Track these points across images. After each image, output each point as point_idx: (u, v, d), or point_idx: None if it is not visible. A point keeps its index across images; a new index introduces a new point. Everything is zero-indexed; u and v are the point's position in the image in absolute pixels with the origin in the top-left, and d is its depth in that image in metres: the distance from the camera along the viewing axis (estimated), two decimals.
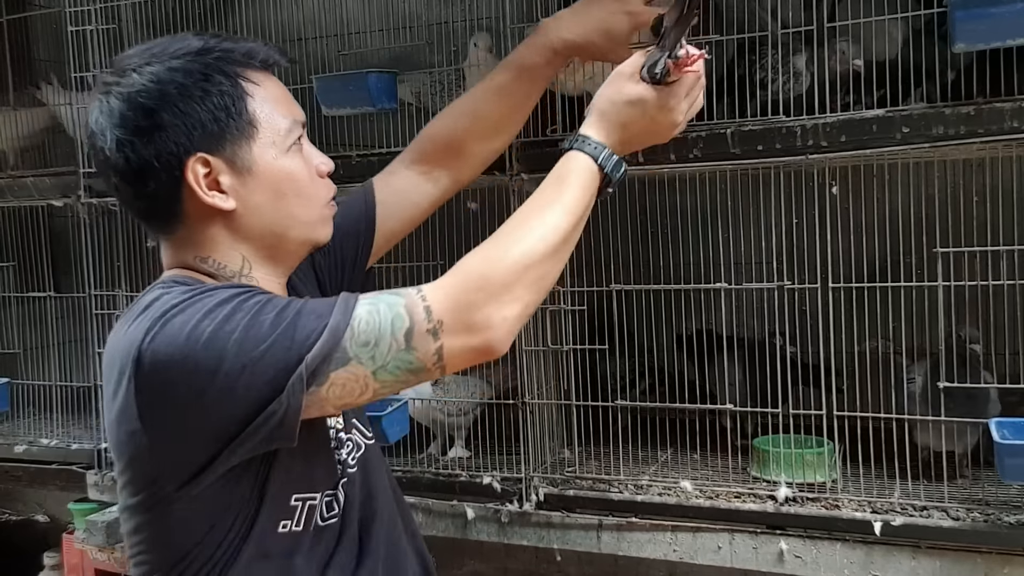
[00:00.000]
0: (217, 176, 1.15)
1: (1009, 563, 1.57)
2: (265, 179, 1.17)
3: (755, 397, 1.89)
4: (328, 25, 2.24)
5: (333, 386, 1.05)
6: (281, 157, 1.18)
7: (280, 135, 1.18)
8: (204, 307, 1.04)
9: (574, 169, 1.21)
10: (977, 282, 1.62)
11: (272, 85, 1.21)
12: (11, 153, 2.63)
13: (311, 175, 1.22)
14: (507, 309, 1.10)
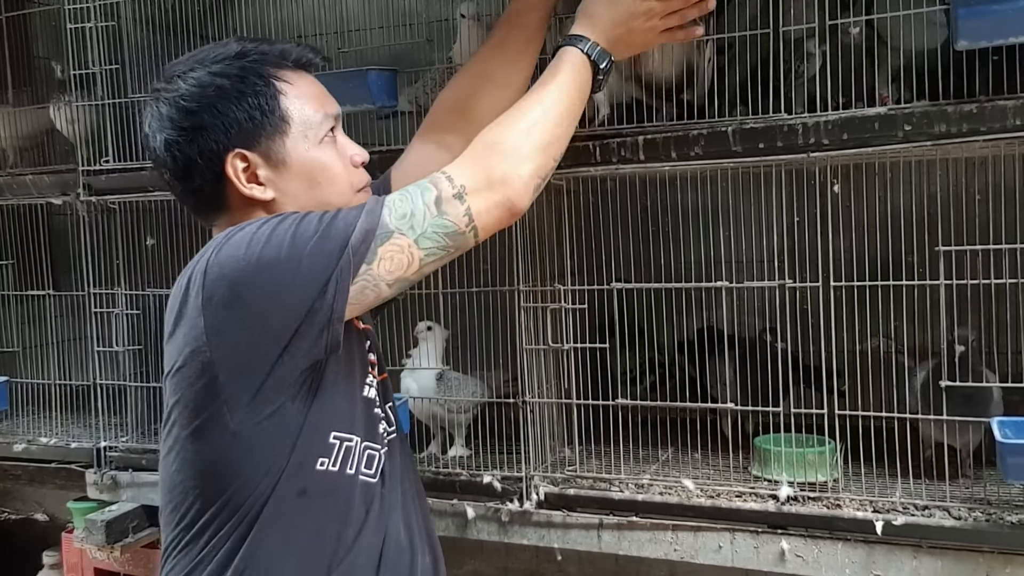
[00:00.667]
0: (255, 170, 1.26)
1: (1011, 563, 1.57)
2: (299, 169, 1.28)
3: (754, 395, 1.88)
4: (328, 23, 2.23)
5: (383, 260, 1.17)
6: (313, 148, 1.29)
7: (312, 128, 1.29)
8: (258, 224, 1.17)
9: (567, 59, 1.40)
10: (979, 280, 1.61)
11: (305, 83, 1.32)
12: (11, 152, 2.63)
13: (344, 164, 1.33)
14: (522, 167, 1.26)
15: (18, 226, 2.55)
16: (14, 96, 2.64)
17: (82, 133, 2.33)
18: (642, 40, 1.47)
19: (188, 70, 1.27)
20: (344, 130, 1.39)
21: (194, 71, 1.26)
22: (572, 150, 1.84)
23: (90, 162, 2.31)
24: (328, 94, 1.35)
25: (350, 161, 1.34)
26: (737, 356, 1.91)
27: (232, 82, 1.25)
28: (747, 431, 1.98)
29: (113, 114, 2.29)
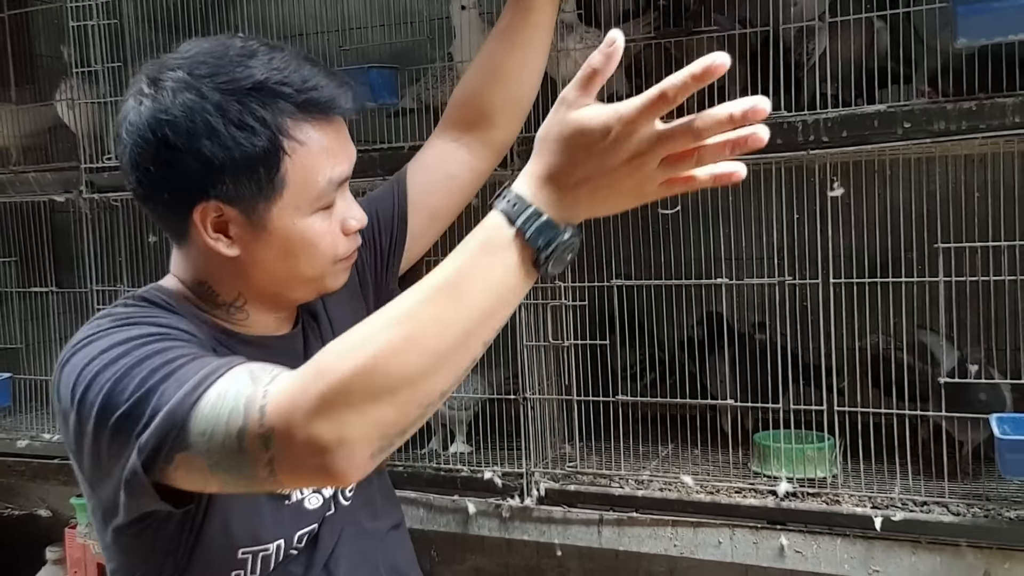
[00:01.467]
0: (227, 222, 1.05)
1: (1010, 559, 1.57)
2: (278, 238, 1.07)
3: (754, 392, 1.89)
4: (329, 20, 2.23)
5: (179, 468, 0.89)
6: (302, 220, 1.07)
7: (309, 199, 1.06)
8: (101, 347, 0.96)
9: (479, 237, 0.88)
10: (978, 278, 1.62)
11: (321, 137, 1.05)
12: (14, 150, 2.63)
13: (334, 234, 1.11)
14: (358, 428, 0.83)
15: (21, 223, 2.56)
16: (16, 94, 2.64)
17: (85, 130, 2.33)
18: (628, 198, 0.89)
19: (183, 85, 1.00)
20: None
21: (188, 90, 1.00)
22: None
23: (93, 159, 2.31)
24: (346, 147, 1.10)
25: (341, 227, 1.12)
26: (737, 352, 1.91)
27: (228, 126, 0.99)
28: (747, 427, 1.99)
29: (115, 112, 2.29)
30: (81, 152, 2.33)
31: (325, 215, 1.09)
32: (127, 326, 0.99)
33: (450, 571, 2.33)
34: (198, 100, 0.99)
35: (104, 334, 0.98)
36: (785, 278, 1.73)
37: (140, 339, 0.96)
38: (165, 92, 1.01)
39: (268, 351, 1.12)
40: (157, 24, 2.36)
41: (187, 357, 0.94)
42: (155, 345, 0.95)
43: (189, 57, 1.03)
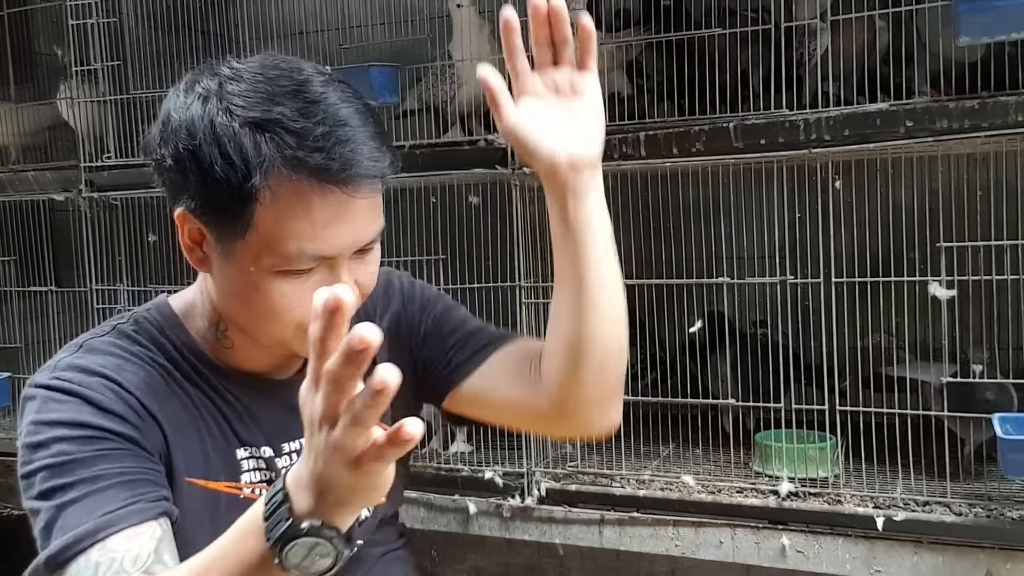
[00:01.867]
0: (203, 235, 0.98)
1: (1012, 559, 1.57)
2: (237, 280, 0.97)
3: (755, 391, 1.89)
4: (330, 19, 2.23)
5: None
6: (261, 275, 0.94)
7: (273, 258, 0.93)
8: (47, 420, 0.95)
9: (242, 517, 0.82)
10: (980, 277, 1.61)
11: (307, 203, 0.91)
12: (13, 148, 2.63)
13: (299, 302, 0.95)
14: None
15: (20, 222, 2.56)
16: (16, 92, 2.64)
17: (84, 129, 2.33)
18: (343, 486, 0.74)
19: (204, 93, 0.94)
20: None
21: (205, 100, 0.94)
22: None
23: (92, 158, 2.31)
24: (345, 226, 0.94)
25: (311, 310, 0.96)
26: (738, 352, 1.91)
27: (212, 147, 0.91)
28: (748, 427, 1.98)
29: (115, 110, 2.29)
30: (80, 151, 2.32)
31: (297, 278, 0.95)
32: (75, 399, 0.96)
33: (451, 571, 2.32)
34: (204, 112, 0.93)
35: (55, 406, 0.95)
36: (787, 277, 1.72)
37: (77, 436, 0.94)
38: (191, 93, 0.96)
39: (255, 392, 1.07)
40: (157, 22, 2.36)
41: (109, 479, 0.92)
42: (87, 449, 0.93)
43: (238, 68, 0.96)
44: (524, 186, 1.87)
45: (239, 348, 1.06)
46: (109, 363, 0.99)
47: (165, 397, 1.00)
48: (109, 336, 1.04)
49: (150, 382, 1.00)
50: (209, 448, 1.04)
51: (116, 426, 0.95)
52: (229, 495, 1.05)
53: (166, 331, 1.06)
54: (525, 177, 1.86)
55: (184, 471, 1.01)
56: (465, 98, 2.06)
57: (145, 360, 1.02)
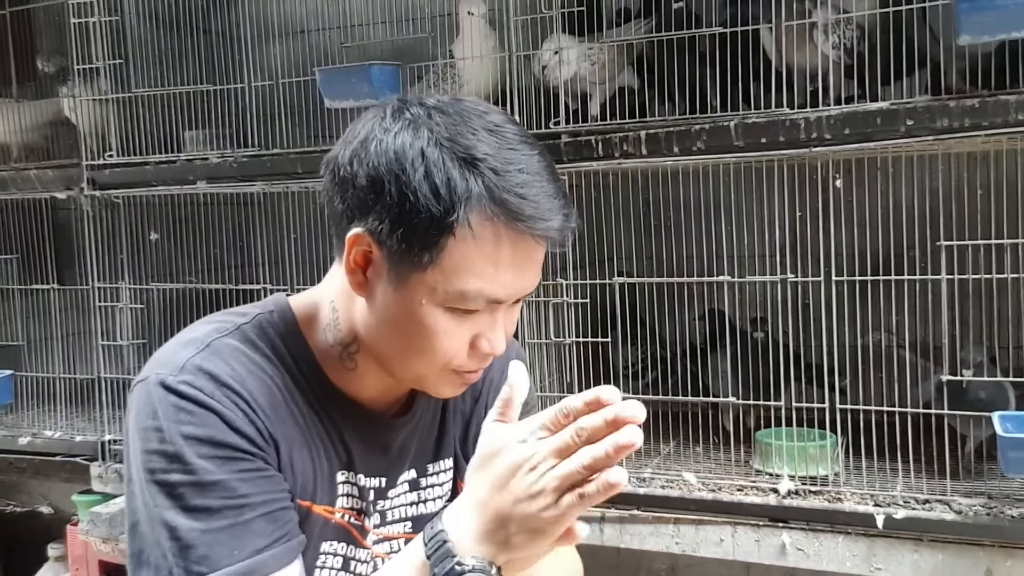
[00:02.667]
0: (371, 261, 0.98)
1: (1012, 556, 1.57)
2: (403, 307, 0.97)
3: (755, 390, 1.89)
4: (331, 17, 2.23)
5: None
6: (432, 306, 0.96)
7: (449, 292, 0.95)
8: (168, 453, 0.94)
9: (401, 553, 0.95)
10: (981, 276, 1.62)
11: (497, 244, 0.93)
12: (15, 147, 2.63)
13: (457, 340, 0.98)
14: None
15: (22, 220, 2.56)
16: (18, 91, 2.64)
17: (86, 127, 2.33)
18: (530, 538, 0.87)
19: (411, 122, 0.95)
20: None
21: (412, 127, 0.94)
22: (574, 145, 1.85)
23: (94, 156, 2.31)
24: (521, 273, 0.96)
25: (472, 340, 0.99)
26: (739, 350, 1.91)
27: (417, 173, 0.91)
28: (748, 425, 1.99)
29: (117, 108, 2.30)
30: (82, 149, 2.33)
31: (460, 318, 0.97)
32: (210, 415, 0.95)
33: None
34: (412, 139, 0.94)
35: (188, 419, 0.95)
36: (787, 276, 1.73)
37: (218, 456, 0.95)
38: (397, 120, 0.97)
39: (355, 421, 1.07)
40: (159, 21, 2.36)
41: (254, 509, 0.94)
42: (230, 469, 0.95)
43: (442, 104, 0.98)
44: None
45: (362, 374, 1.06)
46: (236, 373, 0.99)
47: (284, 414, 1.01)
48: (233, 338, 1.02)
49: (271, 399, 1.00)
50: (316, 470, 1.04)
51: (250, 447, 0.96)
52: (323, 518, 1.06)
53: (287, 340, 1.05)
54: None
55: (295, 493, 1.02)
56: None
57: (266, 372, 1.02)
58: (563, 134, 1.87)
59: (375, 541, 1.12)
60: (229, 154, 2.21)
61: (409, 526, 1.15)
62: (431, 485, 1.17)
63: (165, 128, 2.29)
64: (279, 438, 0.99)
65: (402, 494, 1.14)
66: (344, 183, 0.97)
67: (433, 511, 1.16)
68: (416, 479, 1.15)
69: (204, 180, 2.21)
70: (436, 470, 1.18)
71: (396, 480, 1.13)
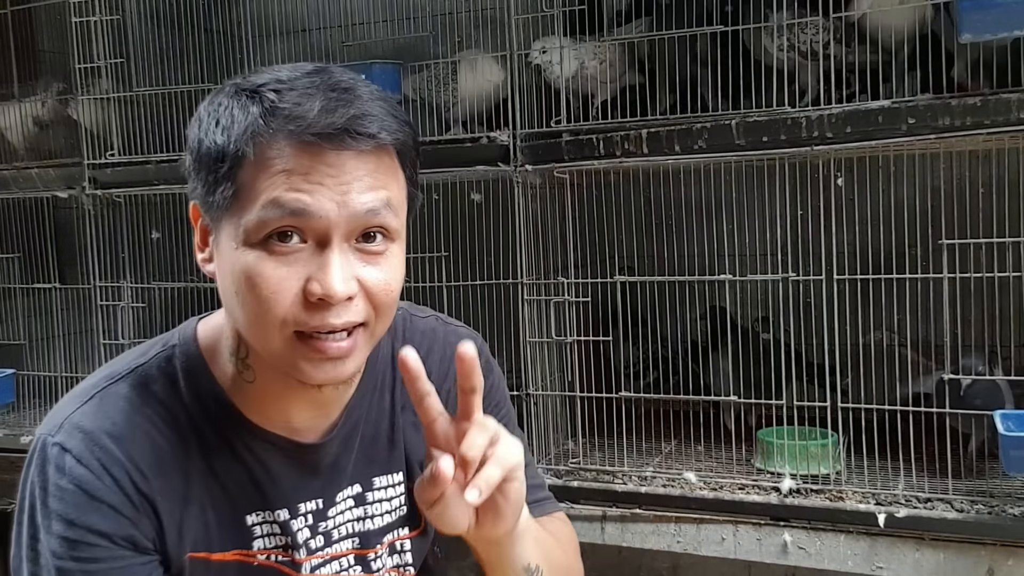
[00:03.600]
0: (208, 233, 0.95)
1: (1013, 555, 1.57)
2: (224, 267, 0.92)
3: (757, 388, 1.89)
4: (332, 16, 2.23)
5: None
6: (244, 249, 0.89)
7: (252, 221, 0.88)
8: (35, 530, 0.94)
9: None
10: (983, 274, 1.61)
11: (287, 163, 0.87)
12: (18, 145, 2.63)
13: (277, 287, 0.88)
14: None
15: (24, 219, 2.56)
16: (19, 89, 2.64)
17: (87, 126, 2.33)
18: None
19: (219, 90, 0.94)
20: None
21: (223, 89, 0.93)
22: (575, 143, 1.85)
23: (95, 155, 2.31)
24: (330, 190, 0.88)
25: (303, 290, 0.88)
26: (740, 349, 1.91)
27: (210, 118, 0.90)
28: (750, 424, 1.98)
29: (118, 108, 2.30)
30: (84, 148, 2.33)
31: (278, 260, 0.88)
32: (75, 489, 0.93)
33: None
34: (215, 97, 0.93)
35: (56, 492, 0.94)
36: (789, 274, 1.72)
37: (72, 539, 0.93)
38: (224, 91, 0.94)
39: (277, 452, 1.01)
40: (160, 20, 2.36)
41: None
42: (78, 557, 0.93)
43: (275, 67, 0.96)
44: (526, 183, 1.88)
45: (261, 384, 0.99)
46: (116, 428, 0.95)
47: (169, 468, 0.96)
48: (125, 384, 0.98)
49: (155, 454, 0.96)
50: (211, 520, 0.99)
51: (106, 526, 0.93)
52: (240, 563, 1.01)
53: (190, 377, 1.00)
54: (527, 174, 1.87)
55: (187, 547, 0.98)
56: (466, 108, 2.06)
57: (155, 422, 0.97)
58: (564, 133, 1.87)
59: (317, 565, 1.06)
60: None
61: (357, 542, 1.09)
62: (379, 500, 1.11)
63: (166, 127, 2.29)
64: (157, 497, 0.95)
65: (346, 510, 1.08)
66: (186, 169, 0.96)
67: (382, 525, 1.11)
68: (361, 493, 1.09)
69: None
70: (383, 484, 1.11)
71: (334, 498, 1.07)
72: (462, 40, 2.12)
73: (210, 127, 0.90)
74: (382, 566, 1.11)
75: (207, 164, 0.90)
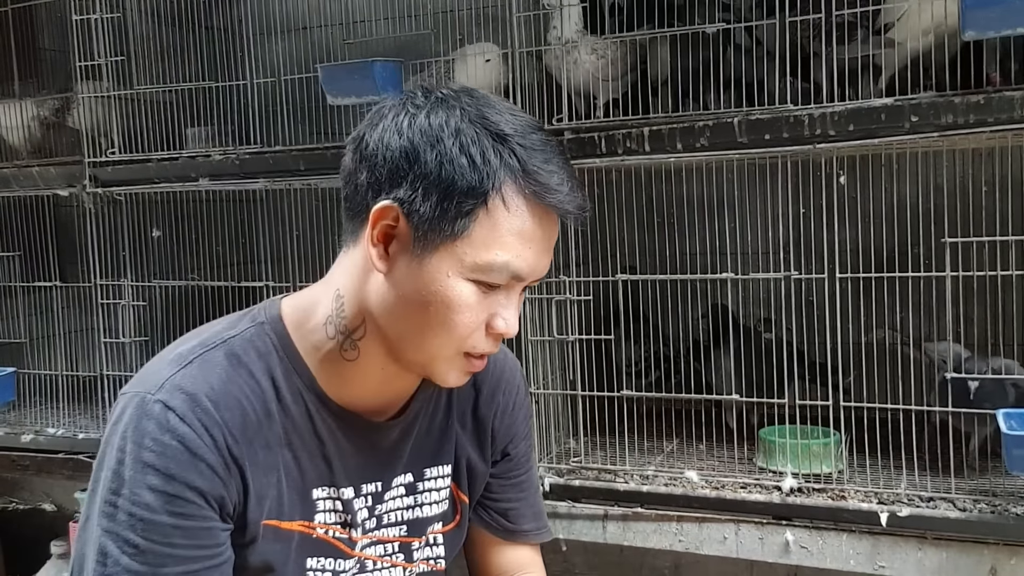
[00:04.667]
0: (394, 236, 0.99)
1: (1016, 554, 1.57)
2: (425, 281, 0.98)
3: (759, 387, 1.89)
4: (333, 13, 2.23)
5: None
6: (457, 279, 0.98)
7: (476, 262, 0.97)
8: (129, 498, 0.96)
9: None
10: (986, 272, 1.61)
11: (524, 218, 0.97)
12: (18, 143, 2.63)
13: (475, 317, 1.00)
14: None
15: (25, 217, 2.56)
16: (20, 88, 2.64)
17: (88, 125, 2.33)
18: None
19: (439, 101, 1.00)
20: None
21: (442, 106, 0.99)
22: (578, 141, 1.85)
23: (96, 154, 2.31)
24: (542, 249, 1.00)
25: (487, 321, 1.01)
26: (742, 347, 1.91)
27: (454, 145, 0.95)
28: (752, 423, 1.98)
29: (119, 106, 2.29)
30: (85, 146, 2.32)
31: (482, 293, 1.00)
32: (174, 443, 0.97)
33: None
34: (447, 115, 0.98)
35: (151, 445, 0.97)
36: (791, 273, 1.72)
37: (164, 492, 0.97)
38: (428, 100, 1.01)
39: (349, 430, 1.09)
40: (160, 17, 2.36)
41: (174, 564, 0.97)
42: (169, 511, 0.97)
43: (464, 89, 1.04)
44: None
45: (361, 364, 1.06)
46: (214, 392, 1.00)
47: (254, 435, 1.02)
48: (219, 352, 1.04)
49: (245, 419, 1.02)
50: (284, 488, 1.05)
51: (203, 483, 0.98)
52: (302, 534, 1.07)
53: (277, 352, 1.06)
54: None
55: (262, 514, 1.03)
56: None
57: (245, 392, 1.03)
58: (566, 130, 1.87)
59: (366, 544, 1.13)
60: (231, 151, 2.21)
61: (405, 530, 1.17)
62: (428, 490, 1.19)
63: (167, 125, 2.28)
64: (244, 461, 1.01)
65: (398, 497, 1.16)
66: (373, 156, 0.99)
67: (429, 515, 1.18)
68: (413, 483, 1.17)
69: (206, 177, 2.21)
70: (433, 475, 1.19)
71: (391, 483, 1.14)
72: (463, 38, 2.12)
73: (454, 154, 0.96)
74: (420, 557, 1.19)
75: (444, 189, 0.96)
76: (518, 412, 1.28)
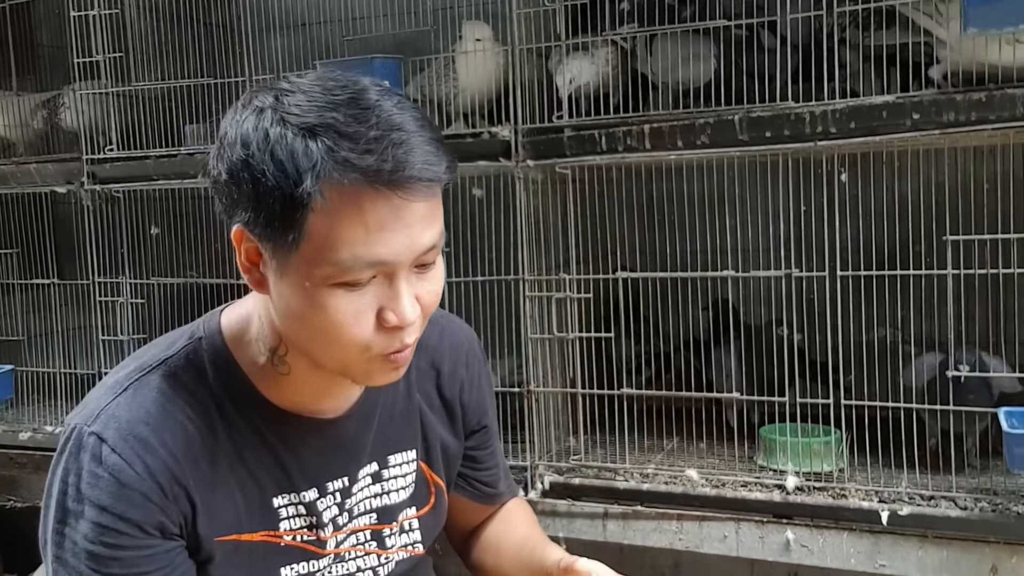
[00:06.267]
0: (260, 253, 0.96)
1: (1017, 553, 1.56)
2: (295, 299, 0.94)
3: (760, 385, 1.88)
4: (333, 10, 2.23)
5: None
6: (318, 289, 0.92)
7: (326, 268, 0.91)
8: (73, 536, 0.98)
9: None
10: (987, 270, 1.61)
11: (359, 208, 0.90)
12: (17, 140, 2.62)
13: (360, 318, 0.93)
14: None
15: (23, 215, 2.55)
16: (18, 84, 2.63)
17: (86, 122, 2.32)
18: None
19: (260, 107, 0.93)
20: None
21: (261, 113, 0.93)
22: (577, 139, 1.84)
23: (94, 151, 2.31)
24: (402, 231, 0.92)
25: (378, 318, 0.94)
26: (743, 345, 1.90)
27: (264, 156, 0.90)
28: (752, 421, 1.98)
29: (117, 102, 2.29)
30: (83, 143, 2.32)
31: (354, 294, 0.93)
32: (109, 478, 0.97)
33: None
34: (258, 124, 0.92)
35: (90, 479, 0.97)
36: (792, 271, 1.72)
37: (104, 526, 0.97)
38: (247, 108, 0.95)
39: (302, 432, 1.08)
40: (159, 13, 2.35)
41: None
42: (108, 544, 0.97)
43: (295, 82, 0.96)
44: (528, 179, 1.87)
45: (296, 376, 1.04)
46: (150, 418, 0.99)
47: (198, 453, 1.01)
48: (158, 375, 1.03)
49: (188, 439, 1.00)
50: (240, 502, 1.04)
51: (136, 514, 0.97)
52: (268, 543, 1.07)
53: (216, 367, 1.05)
54: (528, 170, 1.86)
55: (215, 532, 1.02)
56: (467, 98, 2.05)
57: (187, 411, 1.01)
58: (566, 128, 1.86)
59: (341, 539, 1.13)
60: None
61: (375, 518, 1.17)
62: (393, 476, 1.19)
63: (165, 122, 2.28)
64: (189, 481, 1.00)
65: (366, 487, 1.16)
66: (216, 183, 0.96)
67: (397, 502, 1.19)
68: (378, 471, 1.17)
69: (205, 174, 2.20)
70: (398, 461, 1.19)
71: (357, 475, 1.14)
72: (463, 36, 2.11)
73: (266, 165, 0.89)
74: (395, 544, 1.19)
75: (267, 203, 0.90)
76: (483, 382, 1.28)
